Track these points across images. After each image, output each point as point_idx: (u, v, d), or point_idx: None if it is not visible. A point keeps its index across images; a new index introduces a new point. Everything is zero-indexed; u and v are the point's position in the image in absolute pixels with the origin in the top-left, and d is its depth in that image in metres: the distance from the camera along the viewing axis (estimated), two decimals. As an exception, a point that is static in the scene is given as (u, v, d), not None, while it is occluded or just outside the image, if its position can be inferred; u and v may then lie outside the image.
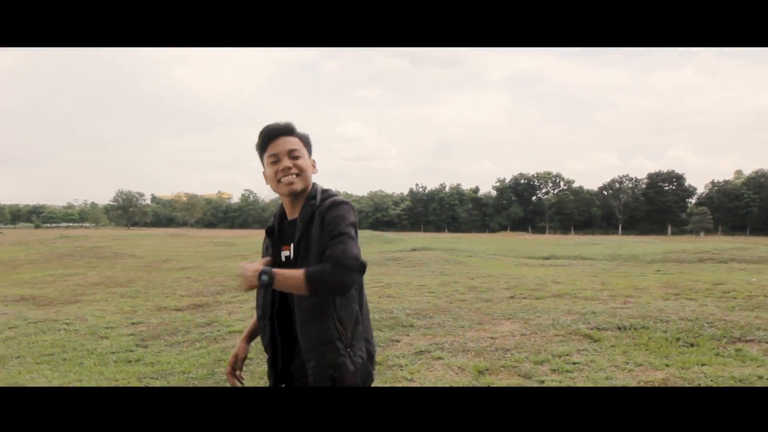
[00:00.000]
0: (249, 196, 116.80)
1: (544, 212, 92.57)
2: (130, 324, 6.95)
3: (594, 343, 5.50)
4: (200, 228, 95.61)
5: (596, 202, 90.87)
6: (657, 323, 6.19)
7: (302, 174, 1.86)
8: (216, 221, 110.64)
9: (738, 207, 78.90)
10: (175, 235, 44.98)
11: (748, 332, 5.76)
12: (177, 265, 16.12)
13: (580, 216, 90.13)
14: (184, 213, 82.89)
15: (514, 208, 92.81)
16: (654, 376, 4.34)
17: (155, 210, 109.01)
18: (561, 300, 8.47)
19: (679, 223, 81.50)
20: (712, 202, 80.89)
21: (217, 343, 5.81)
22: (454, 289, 9.84)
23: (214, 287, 10.52)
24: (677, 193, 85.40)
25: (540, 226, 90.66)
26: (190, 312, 7.72)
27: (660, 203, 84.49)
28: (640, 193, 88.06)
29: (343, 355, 1.77)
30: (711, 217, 74.31)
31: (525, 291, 9.53)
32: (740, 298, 8.43)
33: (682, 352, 5.09)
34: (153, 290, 10.30)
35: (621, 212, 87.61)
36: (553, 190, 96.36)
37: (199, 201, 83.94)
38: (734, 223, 79.10)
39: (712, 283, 10.62)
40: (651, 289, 9.67)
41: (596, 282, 11.12)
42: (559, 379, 4.34)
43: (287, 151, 1.86)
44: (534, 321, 6.53)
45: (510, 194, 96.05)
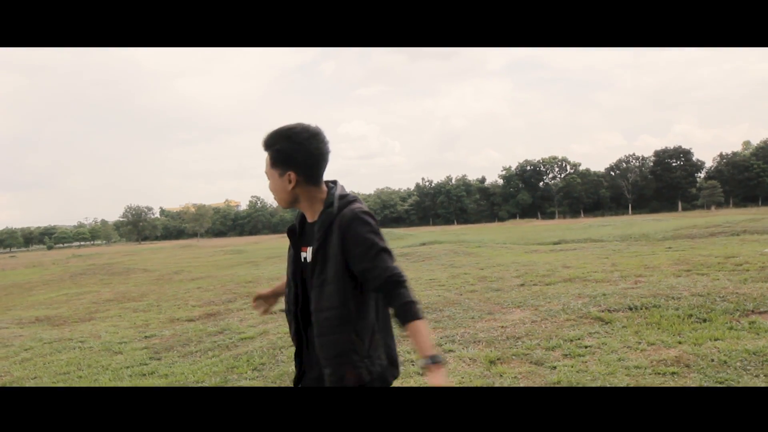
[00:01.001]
0: (257, 203, 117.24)
1: (553, 197, 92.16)
2: (144, 338, 6.99)
3: (605, 325, 5.47)
4: (210, 237, 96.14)
5: (604, 183, 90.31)
6: (668, 301, 6.14)
7: (276, 196, 1.91)
8: (225, 229, 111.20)
9: (748, 178, 78.15)
10: (185, 247, 45.25)
11: (761, 304, 5.71)
12: (188, 276, 16.20)
13: (589, 199, 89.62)
14: (194, 224, 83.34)
15: (522, 196, 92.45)
16: (667, 354, 4.31)
17: (165, 223, 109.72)
18: (571, 284, 8.42)
19: (689, 198, 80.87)
20: (722, 175, 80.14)
21: (229, 351, 5.84)
22: (464, 281, 9.82)
23: (226, 295, 10.56)
24: (685, 168, 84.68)
25: (549, 212, 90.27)
26: (202, 322, 7.76)
27: (669, 180, 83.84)
28: (647, 172, 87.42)
29: (359, 366, 1.77)
30: (721, 190, 73.66)
31: (535, 278, 9.49)
32: (753, 270, 8.35)
33: (694, 329, 5.05)
34: (165, 303, 10.36)
35: (630, 192, 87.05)
36: (560, 174, 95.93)
37: (207, 211, 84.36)
38: (745, 195, 78.35)
39: (723, 256, 10.53)
40: (662, 267, 9.60)
41: (607, 264, 11.05)
42: (571, 363, 4.32)
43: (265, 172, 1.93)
44: (544, 307, 6.50)
45: (517, 182, 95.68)
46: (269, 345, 5.84)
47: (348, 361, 1.76)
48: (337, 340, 1.77)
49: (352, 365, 1.76)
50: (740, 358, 4.02)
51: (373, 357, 1.81)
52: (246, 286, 11.85)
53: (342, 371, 1.77)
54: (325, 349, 1.79)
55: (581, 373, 4.04)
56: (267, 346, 5.81)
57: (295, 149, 1.81)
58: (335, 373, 1.78)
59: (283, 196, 1.87)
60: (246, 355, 5.52)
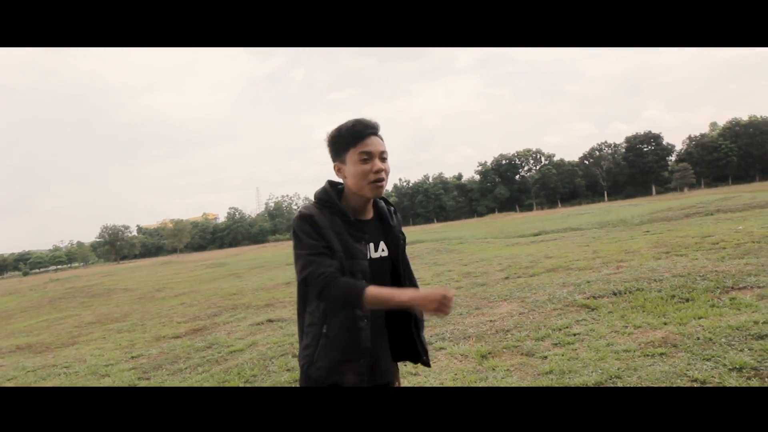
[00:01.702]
0: (235, 214, 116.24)
1: (529, 189, 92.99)
2: (130, 358, 6.88)
3: (592, 312, 5.54)
4: (190, 252, 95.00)
5: (579, 172, 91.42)
6: (651, 283, 6.25)
7: (387, 179, 1.87)
8: (205, 243, 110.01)
9: (717, 158, 79.82)
10: (165, 263, 44.65)
11: (740, 280, 5.84)
12: (171, 292, 15.99)
13: (565, 188, 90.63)
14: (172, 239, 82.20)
15: (499, 190, 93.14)
16: (654, 336, 4.38)
17: (143, 240, 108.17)
18: (555, 274, 8.52)
19: (662, 181, 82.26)
20: (692, 157, 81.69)
21: (219, 365, 5.78)
22: (449, 278, 9.87)
23: (211, 309, 10.45)
24: (657, 152, 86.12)
25: (527, 204, 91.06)
26: (189, 338, 7.66)
27: (641, 165, 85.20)
28: (620, 158, 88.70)
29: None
30: (692, 172, 75.06)
31: (519, 270, 9.58)
32: (729, 248, 8.54)
33: (678, 309, 5.14)
34: (149, 321, 10.21)
35: (604, 179, 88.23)
36: (535, 166, 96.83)
37: (185, 226, 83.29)
38: (715, 175, 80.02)
39: (700, 236, 10.75)
40: (642, 251, 9.76)
41: (588, 251, 11.20)
42: (561, 352, 4.36)
43: (380, 153, 1.83)
44: (530, 298, 6.57)
45: (493, 176, 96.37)
46: (259, 356, 5.80)
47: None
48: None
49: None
50: (724, 335, 4.11)
51: None
52: (231, 299, 11.74)
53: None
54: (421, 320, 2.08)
55: (572, 360, 4.09)
56: (257, 357, 5.76)
57: None
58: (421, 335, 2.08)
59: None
60: (237, 368, 5.47)
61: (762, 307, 4.77)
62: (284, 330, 6.98)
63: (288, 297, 10.48)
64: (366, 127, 1.81)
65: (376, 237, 1.90)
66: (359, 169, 1.79)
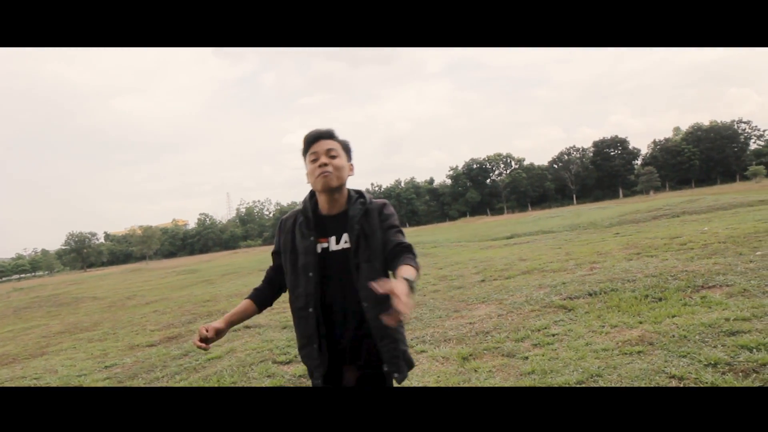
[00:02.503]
0: (205, 220, 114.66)
1: (500, 193, 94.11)
2: (104, 368, 6.71)
3: (569, 312, 5.64)
4: (160, 259, 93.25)
5: (548, 176, 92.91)
6: (625, 284, 6.39)
7: (337, 171, 2.01)
8: (175, 250, 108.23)
9: (681, 162, 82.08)
10: (134, 270, 43.76)
11: (709, 279, 6.02)
12: (142, 300, 15.68)
13: (535, 192, 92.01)
14: (141, 246, 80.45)
15: (471, 194, 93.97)
16: (630, 335, 4.49)
17: (110, 248, 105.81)
18: (530, 276, 8.64)
19: (629, 185, 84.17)
20: (657, 160, 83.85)
21: (197, 373, 5.69)
22: (426, 281, 9.91)
23: (185, 317, 10.29)
24: (623, 156, 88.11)
25: (498, 208, 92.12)
26: (164, 345, 7.52)
27: (608, 169, 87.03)
28: (588, 162, 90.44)
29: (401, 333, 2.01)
30: (657, 175, 77.02)
31: (494, 273, 9.68)
32: (697, 248, 8.79)
33: (652, 308, 5.27)
34: (122, 330, 9.99)
35: (573, 183, 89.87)
36: (506, 170, 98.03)
37: (154, 232, 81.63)
38: (679, 178, 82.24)
39: (668, 237, 11.04)
40: (613, 253, 9.97)
41: (561, 253, 11.39)
42: (541, 352, 4.43)
43: (325, 150, 2.02)
44: (508, 300, 6.65)
45: (464, 180, 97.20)
46: (238, 363, 5.73)
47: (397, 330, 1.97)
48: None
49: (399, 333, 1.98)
50: (698, 332, 4.23)
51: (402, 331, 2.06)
52: (205, 306, 11.57)
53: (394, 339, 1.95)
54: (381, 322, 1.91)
55: (553, 360, 4.15)
56: (236, 364, 5.69)
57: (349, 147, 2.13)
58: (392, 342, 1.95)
59: (345, 175, 2.05)
60: (215, 375, 5.39)
61: (731, 304, 4.92)
62: (262, 336, 6.91)
63: (264, 303, 10.38)
64: (313, 135, 2.06)
65: (339, 230, 2.03)
66: (309, 168, 2.05)
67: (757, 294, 5.19)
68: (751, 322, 4.29)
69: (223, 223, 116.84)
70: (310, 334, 2.00)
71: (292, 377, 4.95)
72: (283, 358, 5.58)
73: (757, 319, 4.35)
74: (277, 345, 6.18)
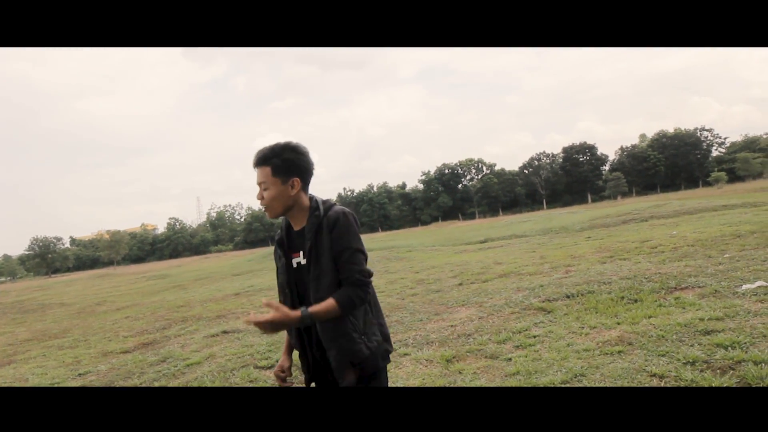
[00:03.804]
0: (175, 224, 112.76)
1: (472, 198, 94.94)
2: (77, 375, 6.55)
3: (548, 314, 5.74)
4: (128, 264, 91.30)
5: (519, 181, 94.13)
6: (601, 286, 6.53)
7: (270, 205, 2.03)
8: (144, 255, 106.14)
9: (647, 168, 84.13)
10: (102, 276, 42.74)
11: (681, 281, 6.20)
12: (112, 306, 15.34)
13: (506, 197, 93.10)
14: (109, 251, 78.47)
15: (443, 199, 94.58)
16: (609, 335, 4.59)
17: (76, 253, 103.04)
18: (507, 279, 8.75)
19: (597, 190, 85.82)
20: (624, 166, 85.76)
21: (176, 379, 5.60)
22: (403, 286, 9.95)
23: (159, 322, 10.10)
24: (591, 162, 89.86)
25: (469, 212, 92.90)
26: (140, 352, 7.38)
27: (577, 174, 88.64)
28: (558, 168, 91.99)
29: (358, 342, 1.98)
30: (624, 180, 78.67)
31: (471, 276, 9.77)
32: (667, 251, 9.03)
33: (628, 309, 5.40)
34: (93, 336, 9.76)
35: (543, 188, 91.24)
36: (477, 175, 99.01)
37: (123, 237, 79.71)
38: (645, 184, 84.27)
39: (639, 241, 11.31)
40: (587, 256, 10.18)
41: (535, 257, 11.57)
42: (524, 354, 4.50)
43: (259, 183, 2.05)
44: (488, 303, 6.72)
45: (437, 185, 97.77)
46: (219, 368, 5.66)
47: (348, 340, 1.97)
48: (337, 324, 1.96)
49: (352, 342, 1.97)
50: (675, 332, 4.36)
51: (369, 334, 2.03)
52: (179, 311, 11.39)
53: (344, 350, 1.96)
54: (327, 333, 1.98)
55: (536, 361, 4.22)
56: (216, 369, 5.62)
57: (299, 159, 2.04)
58: (339, 353, 1.96)
59: (282, 202, 2.03)
60: (196, 381, 5.32)
61: (704, 305, 5.08)
62: (242, 341, 6.84)
63: (241, 308, 10.28)
64: (253, 161, 2.08)
65: (303, 245, 2.06)
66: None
67: (728, 295, 5.37)
68: (724, 322, 4.44)
69: (193, 228, 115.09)
70: (299, 347, 2.13)
71: (274, 383, 4.91)
72: (264, 363, 5.54)
73: (729, 319, 4.50)
74: (258, 350, 6.13)
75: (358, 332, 2.00)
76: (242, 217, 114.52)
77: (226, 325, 8.40)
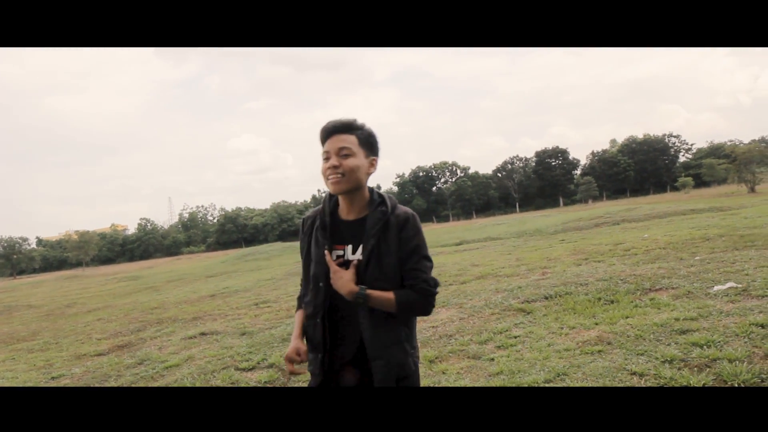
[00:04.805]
0: (146, 225, 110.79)
1: (446, 201, 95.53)
2: (50, 379, 6.40)
3: (527, 315, 5.83)
4: (97, 265, 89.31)
5: (492, 184, 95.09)
6: (578, 287, 6.66)
7: (348, 174, 1.83)
8: (114, 256, 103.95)
9: (617, 173, 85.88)
10: (71, 278, 41.72)
11: (656, 282, 6.36)
12: (83, 308, 15.01)
13: (480, 200, 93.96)
14: (77, 252, 76.50)
15: (417, 201, 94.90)
16: (588, 335, 4.69)
17: (43, 253, 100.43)
18: (485, 281, 8.85)
19: (569, 194, 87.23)
20: (595, 171, 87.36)
21: (155, 381, 5.52)
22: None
23: (133, 324, 9.93)
24: (563, 166, 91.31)
25: (443, 215, 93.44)
26: (116, 354, 7.24)
27: (550, 178, 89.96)
28: (531, 171, 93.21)
29: (409, 354, 1.86)
30: (595, 185, 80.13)
31: (449, 278, 9.84)
32: (640, 254, 9.25)
33: (606, 310, 5.53)
34: (65, 339, 9.54)
35: (516, 191, 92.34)
36: (451, 178, 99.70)
37: (92, 237, 77.72)
38: (615, 188, 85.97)
39: (612, 243, 11.55)
40: (562, 258, 10.35)
41: (511, 259, 11.72)
42: (506, 354, 4.56)
43: (337, 149, 1.84)
44: (468, 304, 6.79)
45: (411, 188, 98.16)
46: (198, 370, 5.59)
47: (401, 350, 1.84)
48: (391, 330, 1.83)
49: (404, 354, 1.84)
50: (651, 331, 4.48)
51: (417, 348, 1.93)
52: (153, 313, 11.21)
53: (394, 361, 1.81)
54: (379, 340, 1.82)
55: (519, 361, 4.29)
56: (197, 372, 5.56)
57: (377, 140, 1.94)
58: (388, 364, 1.81)
59: (360, 175, 1.86)
60: (176, 383, 5.25)
61: (678, 305, 5.23)
62: (221, 343, 6.78)
63: (217, 310, 10.17)
64: (327, 129, 1.88)
65: (357, 239, 1.88)
66: (322, 168, 1.89)
67: (701, 296, 5.53)
68: (698, 321, 4.58)
69: (164, 229, 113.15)
70: (317, 343, 1.91)
71: (257, 384, 4.89)
72: (245, 365, 5.50)
73: (703, 319, 4.65)
74: (238, 351, 6.08)
75: (411, 344, 1.87)
76: (215, 218, 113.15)
77: (203, 326, 8.30)
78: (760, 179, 40.12)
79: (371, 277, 1.82)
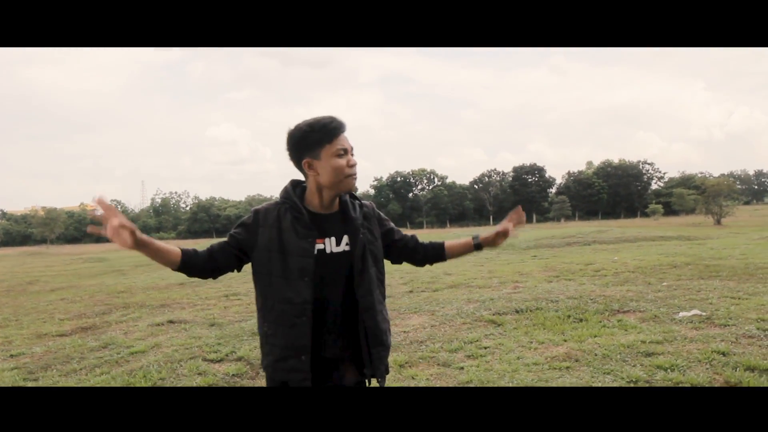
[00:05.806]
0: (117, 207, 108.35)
1: (421, 208, 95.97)
2: (9, 357, 6.24)
3: (498, 327, 5.90)
4: (62, 244, 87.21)
5: (468, 195, 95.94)
6: (548, 304, 6.77)
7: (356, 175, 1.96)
8: (80, 236, 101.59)
9: (591, 194, 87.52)
10: (34, 254, 40.71)
11: (624, 304, 6.51)
12: (46, 286, 14.66)
13: (455, 210, 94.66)
14: (43, 229, 74.52)
15: (393, 206, 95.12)
16: (557, 351, 4.78)
17: (6, 227, 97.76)
18: (457, 290, 8.92)
19: (542, 211, 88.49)
20: (569, 190, 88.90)
21: (120, 366, 5.43)
22: (355, 289, 9.96)
23: (98, 307, 9.74)
24: (539, 184, 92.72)
25: (418, 222, 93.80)
26: (79, 336, 7.09)
27: (525, 194, 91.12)
28: (507, 186, 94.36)
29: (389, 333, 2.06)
30: (569, 204, 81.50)
31: (421, 284, 9.90)
32: (609, 275, 9.44)
33: (574, 327, 5.63)
34: (25, 317, 9.30)
35: (491, 204, 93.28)
36: (429, 186, 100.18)
37: (59, 215, 75.84)
38: (588, 209, 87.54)
39: (583, 263, 11.76)
40: (534, 273, 10.50)
41: (484, 271, 11.83)
42: (476, 363, 4.62)
43: (352, 149, 1.94)
44: (440, 312, 6.84)
45: (387, 192, 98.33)
46: (165, 358, 5.52)
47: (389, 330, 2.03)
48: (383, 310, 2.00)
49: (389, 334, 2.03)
50: (618, 352, 4.59)
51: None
52: (119, 297, 11.01)
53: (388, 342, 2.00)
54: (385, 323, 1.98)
55: (488, 372, 4.35)
56: (163, 359, 5.48)
57: None
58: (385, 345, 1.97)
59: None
60: (141, 370, 5.17)
61: (645, 328, 5.37)
62: (189, 332, 6.70)
63: (186, 298, 10.03)
64: (340, 125, 1.89)
65: (339, 231, 1.91)
66: (336, 164, 1.85)
67: (666, 320, 5.68)
68: (663, 345, 4.71)
69: (135, 212, 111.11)
70: (302, 345, 1.81)
71: (225, 376, 4.85)
72: (213, 356, 5.44)
73: (668, 343, 4.78)
74: (207, 342, 6.02)
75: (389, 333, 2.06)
76: (188, 206, 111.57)
77: (171, 314, 8.19)
78: (726, 212, 41.27)
79: (369, 263, 1.93)
